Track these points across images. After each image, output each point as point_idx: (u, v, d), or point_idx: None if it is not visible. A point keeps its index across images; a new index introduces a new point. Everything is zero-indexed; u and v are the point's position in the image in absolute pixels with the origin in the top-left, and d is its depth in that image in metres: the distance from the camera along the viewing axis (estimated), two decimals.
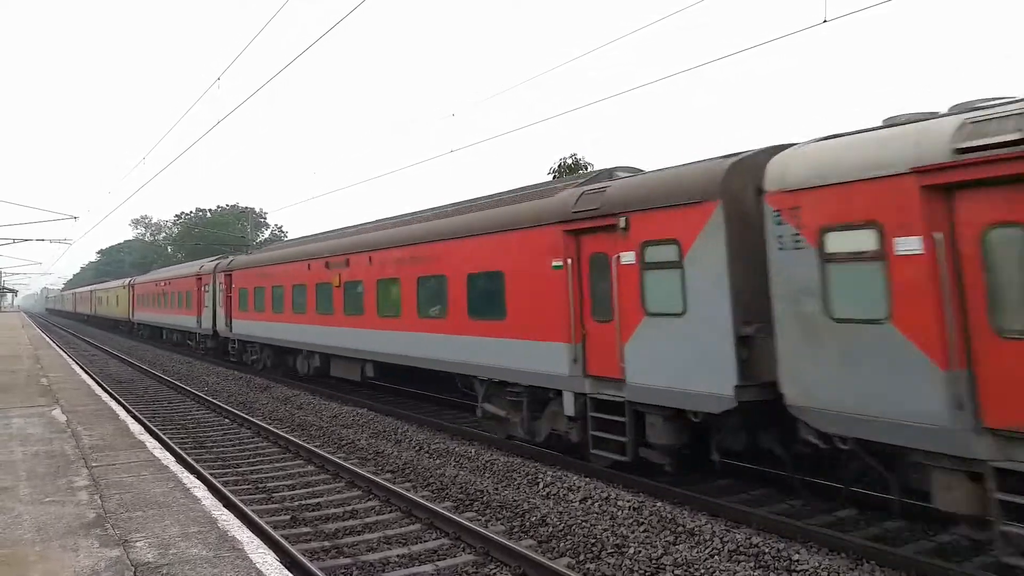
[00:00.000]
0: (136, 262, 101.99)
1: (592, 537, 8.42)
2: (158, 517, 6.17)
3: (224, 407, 18.62)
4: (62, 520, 6.15)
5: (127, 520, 6.10)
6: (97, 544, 5.51)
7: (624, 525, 8.73)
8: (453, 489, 10.73)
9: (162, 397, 21.43)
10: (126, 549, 5.37)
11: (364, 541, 8.71)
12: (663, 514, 8.82)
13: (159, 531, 5.78)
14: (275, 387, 22.05)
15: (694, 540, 8.14)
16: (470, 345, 13.41)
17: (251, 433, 15.82)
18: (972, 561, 7.50)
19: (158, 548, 5.37)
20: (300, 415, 17.53)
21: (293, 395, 20.26)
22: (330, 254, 19.43)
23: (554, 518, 9.10)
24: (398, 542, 8.66)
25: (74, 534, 5.77)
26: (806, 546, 7.82)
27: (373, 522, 9.40)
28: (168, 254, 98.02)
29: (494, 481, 10.93)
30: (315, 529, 9.19)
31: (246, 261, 26.92)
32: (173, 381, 24.49)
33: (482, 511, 9.80)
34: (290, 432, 15.38)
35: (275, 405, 19.25)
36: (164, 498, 6.79)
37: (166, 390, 23.11)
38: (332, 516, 9.74)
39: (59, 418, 11.64)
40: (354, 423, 15.88)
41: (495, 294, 12.78)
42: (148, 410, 18.60)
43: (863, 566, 7.33)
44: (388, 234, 17.00)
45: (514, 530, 9.02)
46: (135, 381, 25.46)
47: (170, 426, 16.56)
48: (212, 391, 22.31)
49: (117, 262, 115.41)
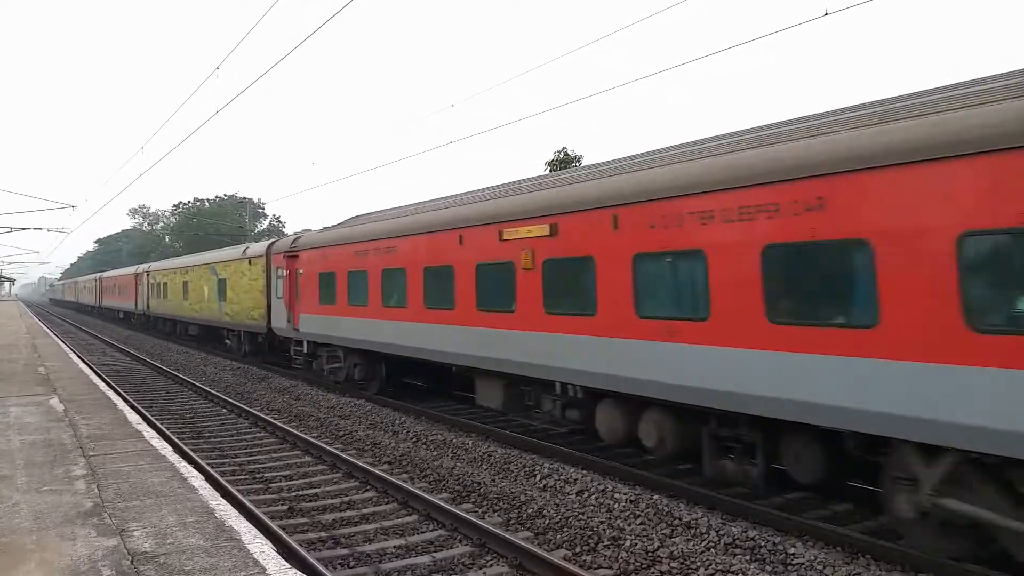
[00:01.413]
0: (134, 251, 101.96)
1: (589, 529, 8.44)
2: (155, 506, 6.18)
3: (222, 397, 18.61)
4: (59, 509, 6.15)
5: (124, 509, 6.11)
6: (94, 533, 5.51)
7: (621, 517, 8.75)
8: (450, 480, 10.74)
9: (160, 387, 21.42)
10: (123, 538, 5.37)
11: (361, 532, 8.72)
12: (660, 507, 8.84)
13: (156, 520, 5.79)
14: (273, 377, 22.05)
15: (690, 533, 8.16)
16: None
17: (249, 423, 15.82)
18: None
19: (155, 537, 5.38)
20: (298, 406, 17.54)
21: (291, 385, 20.26)
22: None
23: (551, 510, 9.12)
24: (395, 533, 8.67)
25: (71, 523, 5.77)
26: (802, 540, 7.84)
27: (370, 513, 9.41)
28: (166, 244, 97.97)
29: (491, 473, 10.94)
30: (312, 520, 9.20)
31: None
32: (171, 371, 24.48)
33: (479, 503, 9.81)
34: (288, 422, 15.39)
35: (272, 395, 19.25)
36: (161, 487, 6.80)
37: (164, 380, 23.09)
38: (329, 507, 9.75)
39: (57, 407, 11.63)
40: (352, 414, 15.89)
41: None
42: (146, 399, 18.59)
43: (859, 560, 7.35)
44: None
45: (511, 522, 9.03)
46: (133, 371, 25.44)
47: (168, 416, 16.55)
48: (210, 381, 22.30)
49: (115, 251, 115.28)
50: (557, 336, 11.02)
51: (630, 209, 9.82)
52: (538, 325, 11.39)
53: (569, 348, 10.77)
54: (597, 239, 10.31)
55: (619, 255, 9.95)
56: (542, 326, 11.31)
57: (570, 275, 10.90)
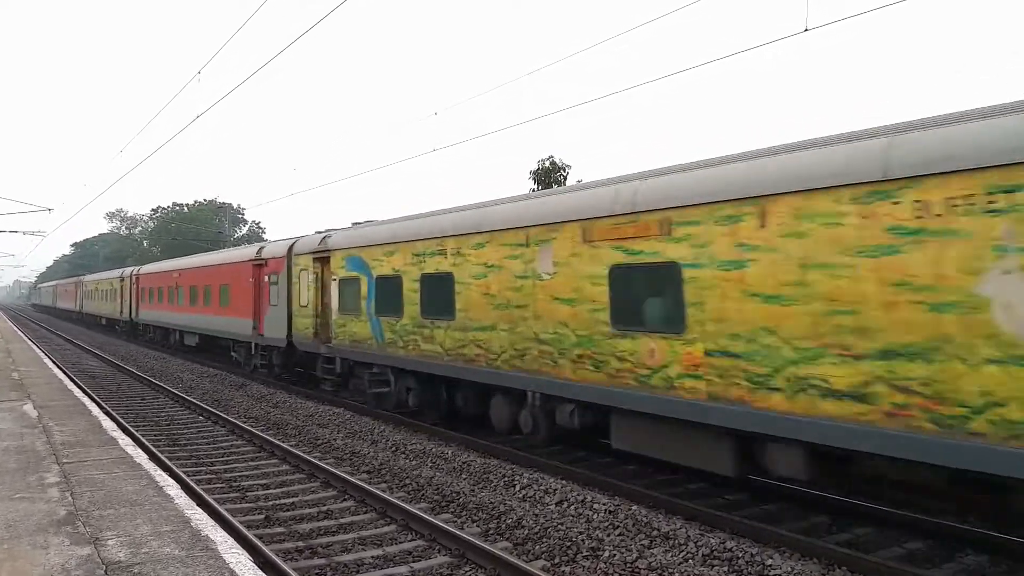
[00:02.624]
0: (110, 255, 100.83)
1: (568, 540, 8.43)
2: (130, 515, 6.10)
3: (199, 404, 18.42)
4: (32, 517, 6.05)
5: (98, 518, 6.02)
6: (68, 542, 5.43)
7: (600, 528, 8.76)
8: (429, 490, 10.70)
9: (135, 393, 21.16)
10: (97, 547, 5.30)
11: (339, 542, 8.65)
12: (638, 517, 8.86)
13: (131, 529, 5.71)
14: (251, 385, 21.86)
15: (669, 544, 8.19)
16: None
17: (226, 431, 15.67)
18: (942, 568, 7.62)
19: (130, 547, 5.31)
20: (276, 413, 17.40)
21: (269, 393, 20.10)
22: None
23: (530, 520, 9.11)
24: (373, 543, 8.62)
25: (44, 531, 5.68)
26: (779, 551, 7.88)
27: (348, 523, 9.35)
28: (144, 248, 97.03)
29: (470, 483, 10.91)
30: (289, 529, 9.13)
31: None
32: (147, 377, 24.19)
33: (458, 513, 9.78)
34: (265, 431, 15.26)
35: (250, 403, 19.08)
36: (136, 496, 6.71)
37: (140, 386, 22.82)
38: (307, 516, 9.67)
39: (30, 413, 11.46)
40: (330, 422, 15.79)
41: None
42: (121, 406, 18.35)
43: (835, 571, 7.40)
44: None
45: (490, 532, 9.01)
46: (108, 376, 25.12)
47: (143, 423, 16.36)
48: (187, 388, 22.06)
49: (91, 255, 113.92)
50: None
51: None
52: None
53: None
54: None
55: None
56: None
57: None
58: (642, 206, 9.74)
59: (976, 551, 7.92)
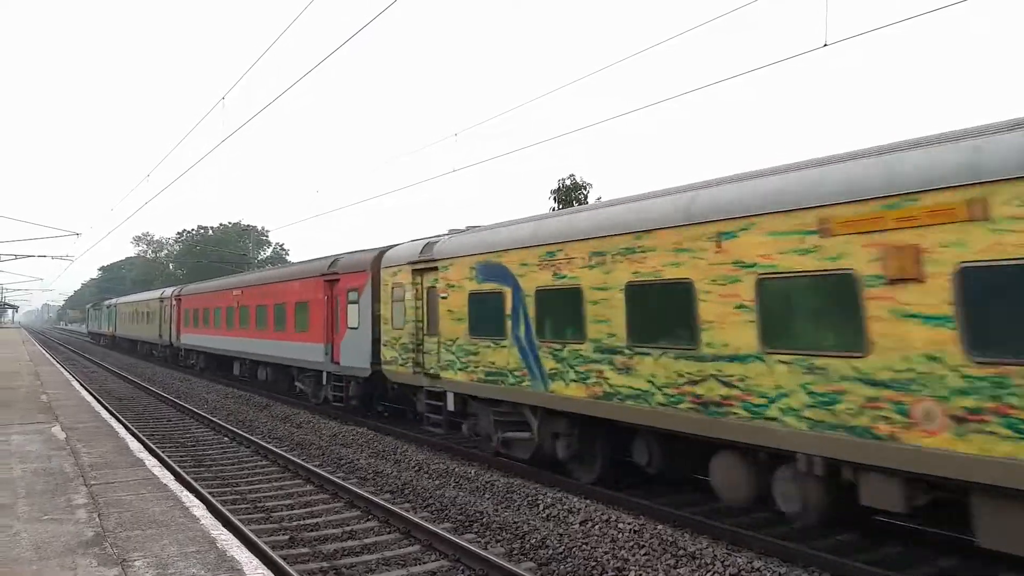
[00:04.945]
0: (137, 279, 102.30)
1: (592, 560, 8.36)
2: (157, 536, 6.15)
3: (224, 425, 18.55)
4: (60, 538, 6.12)
5: (126, 539, 6.08)
6: (95, 563, 5.49)
7: (625, 548, 8.68)
8: (452, 510, 10.68)
9: (161, 415, 21.36)
10: (124, 568, 5.34)
11: (363, 562, 8.64)
12: (664, 537, 8.77)
13: (158, 550, 5.76)
14: (275, 405, 21.98)
15: (695, 564, 8.08)
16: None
17: (250, 452, 15.76)
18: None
19: (156, 567, 5.35)
20: (299, 434, 17.47)
21: (293, 414, 20.18)
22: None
23: (554, 540, 9.05)
24: (397, 563, 8.60)
25: (72, 552, 5.74)
26: (808, 570, 7.76)
27: (372, 543, 9.34)
28: (169, 272, 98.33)
29: (494, 502, 10.87)
30: (314, 549, 9.14)
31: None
32: (172, 399, 24.43)
33: (482, 532, 9.74)
34: (289, 451, 15.32)
35: (274, 424, 19.18)
36: (163, 517, 6.77)
37: (165, 408, 23.04)
38: (331, 536, 9.68)
39: (58, 435, 11.61)
40: (354, 442, 15.82)
41: None
42: (147, 428, 18.53)
43: None
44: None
45: (514, 552, 8.96)
46: (134, 398, 25.39)
47: (169, 444, 16.49)
48: (211, 409, 22.24)
49: (119, 279, 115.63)
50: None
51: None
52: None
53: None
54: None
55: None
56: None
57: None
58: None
59: (1015, 570, 7.73)
